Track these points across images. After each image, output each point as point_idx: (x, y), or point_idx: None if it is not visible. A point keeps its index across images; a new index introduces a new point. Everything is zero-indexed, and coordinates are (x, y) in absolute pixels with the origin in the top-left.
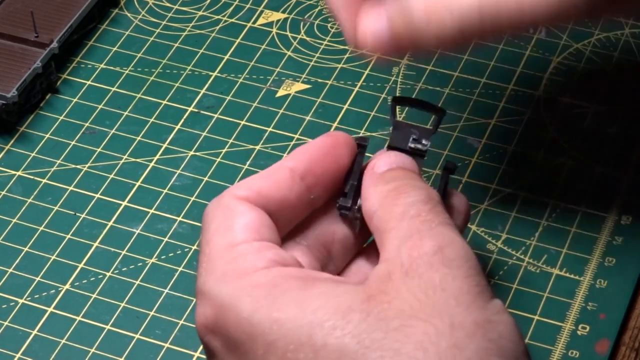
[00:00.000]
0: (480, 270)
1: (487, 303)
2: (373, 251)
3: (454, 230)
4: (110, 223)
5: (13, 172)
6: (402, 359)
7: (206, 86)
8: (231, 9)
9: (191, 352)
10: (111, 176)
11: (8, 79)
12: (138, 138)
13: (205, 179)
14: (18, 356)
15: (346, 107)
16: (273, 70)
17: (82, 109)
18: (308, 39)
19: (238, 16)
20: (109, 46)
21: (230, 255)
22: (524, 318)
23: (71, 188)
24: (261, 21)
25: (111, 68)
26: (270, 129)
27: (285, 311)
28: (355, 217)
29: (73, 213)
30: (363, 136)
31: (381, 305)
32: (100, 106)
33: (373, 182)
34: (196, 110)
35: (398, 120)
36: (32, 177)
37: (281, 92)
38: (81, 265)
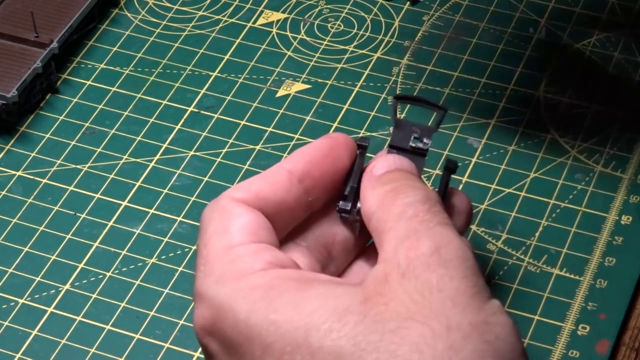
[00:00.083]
0: (478, 270)
1: (484, 304)
2: (374, 252)
3: (452, 230)
4: (110, 223)
5: (13, 172)
6: None
7: (206, 86)
8: (231, 9)
9: (191, 352)
10: (111, 176)
11: (8, 79)
12: (138, 138)
13: (205, 179)
14: (18, 356)
15: (346, 107)
16: (273, 70)
17: (82, 109)
18: (308, 39)
19: (238, 16)
20: (109, 46)
21: (227, 257)
22: (524, 318)
23: (71, 188)
24: (261, 21)
25: (111, 68)
26: (270, 129)
27: (282, 313)
28: (355, 220)
29: (73, 213)
30: (363, 137)
31: (378, 307)
32: (100, 106)
33: (371, 185)
34: (196, 110)
35: (399, 118)
36: (32, 177)
37: (281, 92)
38: (81, 265)
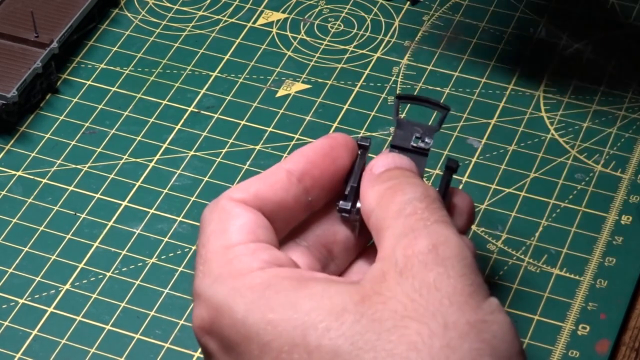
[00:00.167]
0: (476, 268)
1: (482, 302)
2: (375, 252)
3: (450, 227)
4: (110, 223)
5: (13, 172)
6: None
7: (206, 86)
8: (231, 9)
9: (191, 352)
10: (111, 176)
11: (8, 79)
12: (138, 138)
13: (205, 179)
14: (18, 356)
15: (346, 107)
16: (273, 70)
17: (82, 109)
18: (308, 39)
19: (238, 16)
20: (109, 46)
21: (225, 257)
22: (524, 318)
23: (71, 188)
24: (261, 21)
25: (111, 68)
26: (270, 129)
27: (279, 312)
28: (355, 219)
29: (73, 213)
30: (365, 136)
31: (375, 306)
32: (100, 106)
33: (370, 183)
34: (196, 110)
35: (401, 118)
36: (32, 177)
37: (281, 92)
38: (81, 265)
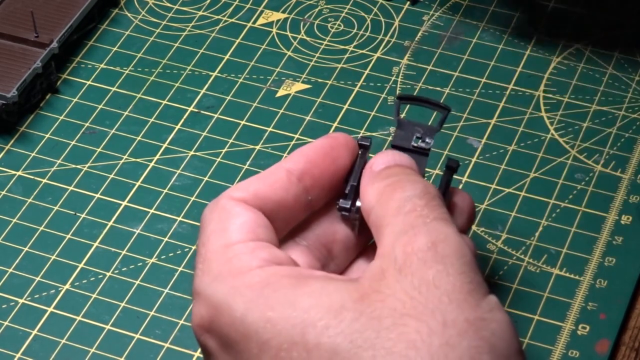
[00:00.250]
0: (475, 265)
1: (481, 300)
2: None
3: (450, 225)
4: (110, 223)
5: (13, 172)
6: (394, 358)
7: (206, 86)
8: (231, 9)
9: (191, 352)
10: (111, 176)
11: (8, 79)
12: (138, 138)
13: (205, 179)
14: (18, 356)
15: (346, 107)
16: (273, 70)
17: (82, 109)
18: (308, 39)
19: (238, 16)
20: (109, 46)
21: (225, 255)
22: (524, 318)
23: (71, 188)
24: (261, 21)
25: (111, 68)
26: (270, 129)
27: (278, 310)
28: (354, 218)
29: (73, 213)
30: (365, 136)
31: (374, 304)
32: (100, 106)
33: (370, 180)
34: (196, 110)
35: (402, 118)
36: (32, 177)
37: (281, 92)
38: (81, 265)
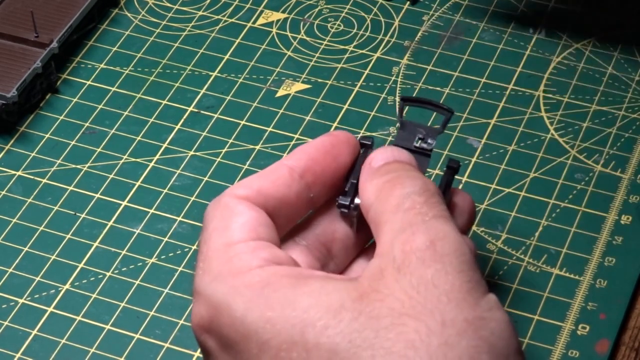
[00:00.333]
0: (474, 264)
1: (480, 299)
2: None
3: (449, 223)
4: (110, 223)
5: (13, 172)
6: (393, 358)
7: (206, 86)
8: (231, 9)
9: (191, 352)
10: (111, 176)
11: (8, 79)
12: (138, 138)
13: (205, 179)
14: (18, 356)
15: (346, 107)
16: (273, 70)
17: (82, 109)
18: (308, 39)
19: (238, 16)
20: (109, 46)
21: (226, 255)
22: (524, 318)
23: (71, 188)
24: (261, 21)
25: (111, 68)
26: (270, 129)
27: (277, 310)
28: (353, 215)
29: (73, 213)
30: (367, 136)
31: (373, 303)
32: (100, 106)
33: (369, 176)
34: (196, 110)
35: (404, 119)
36: (32, 177)
37: (281, 92)
38: (81, 265)
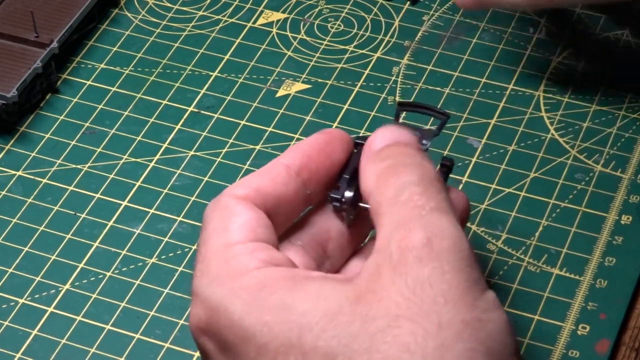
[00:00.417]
0: (472, 260)
1: (478, 299)
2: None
3: (447, 215)
4: (110, 223)
5: (13, 172)
6: None
7: (206, 86)
8: (231, 9)
9: (191, 352)
10: (111, 176)
11: (8, 79)
12: (138, 138)
13: (205, 179)
14: (18, 356)
15: (346, 107)
16: (273, 70)
17: (82, 109)
18: (308, 39)
19: (238, 16)
20: (109, 46)
21: (224, 256)
22: (524, 318)
23: (71, 188)
24: (261, 21)
25: (111, 68)
26: (270, 129)
27: (275, 314)
28: (344, 210)
29: (73, 213)
30: (362, 135)
31: (370, 305)
32: (100, 106)
33: (369, 160)
34: (196, 110)
35: (401, 122)
36: (32, 177)
37: (281, 92)
38: (81, 265)
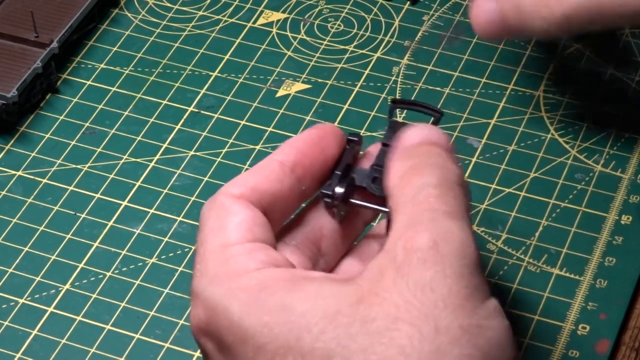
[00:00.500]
0: (477, 267)
1: (478, 306)
2: (363, 250)
3: (459, 222)
4: (110, 223)
5: (13, 172)
6: None
7: (206, 86)
8: (231, 9)
9: (191, 352)
10: (111, 176)
11: (8, 79)
12: (138, 138)
13: (205, 179)
14: (18, 356)
15: (346, 107)
16: (273, 70)
17: (82, 109)
18: (308, 39)
19: (238, 16)
20: (109, 46)
21: (222, 256)
22: (524, 318)
23: (71, 188)
24: (261, 21)
25: (111, 68)
26: (270, 129)
27: (274, 314)
28: (334, 205)
29: (73, 213)
30: (355, 132)
31: (370, 307)
32: (100, 106)
33: (398, 156)
34: (196, 110)
35: (394, 120)
36: (32, 177)
37: (281, 92)
38: (81, 265)
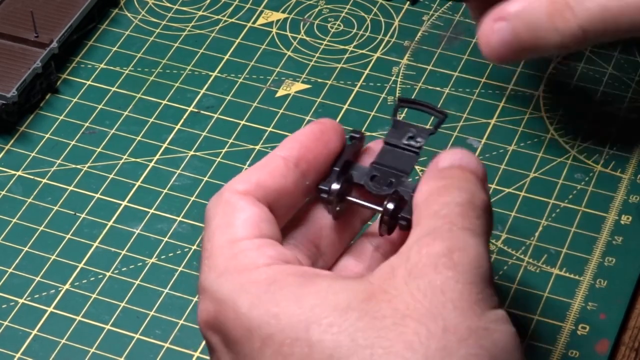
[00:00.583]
0: (488, 280)
1: (487, 311)
2: (361, 249)
3: (477, 238)
4: (110, 223)
5: (13, 172)
6: (391, 358)
7: (206, 86)
8: (231, 9)
9: (191, 352)
10: (111, 176)
11: (8, 79)
12: (138, 138)
13: (205, 179)
14: (18, 356)
15: (346, 107)
16: (273, 70)
17: (82, 109)
18: (308, 39)
19: (238, 16)
20: (109, 46)
21: (231, 251)
22: (524, 318)
23: (71, 188)
24: (261, 21)
25: (111, 68)
26: (270, 129)
27: (283, 307)
28: (329, 200)
29: (73, 213)
30: (356, 129)
31: (380, 304)
32: (100, 106)
33: (430, 175)
34: (196, 110)
35: (398, 119)
36: (32, 177)
37: (281, 92)
38: (81, 265)
